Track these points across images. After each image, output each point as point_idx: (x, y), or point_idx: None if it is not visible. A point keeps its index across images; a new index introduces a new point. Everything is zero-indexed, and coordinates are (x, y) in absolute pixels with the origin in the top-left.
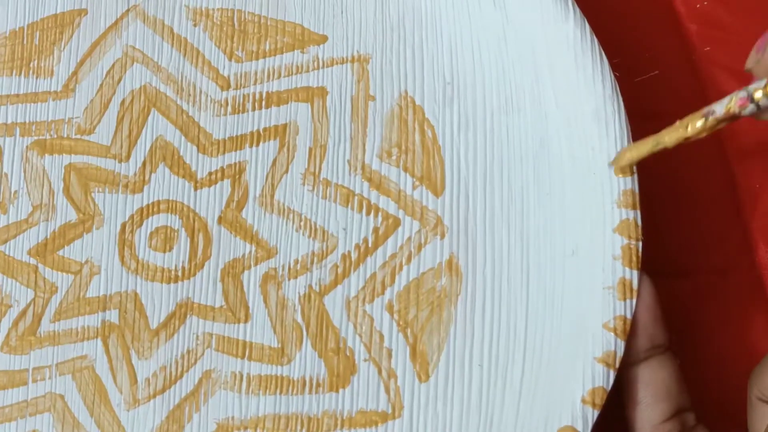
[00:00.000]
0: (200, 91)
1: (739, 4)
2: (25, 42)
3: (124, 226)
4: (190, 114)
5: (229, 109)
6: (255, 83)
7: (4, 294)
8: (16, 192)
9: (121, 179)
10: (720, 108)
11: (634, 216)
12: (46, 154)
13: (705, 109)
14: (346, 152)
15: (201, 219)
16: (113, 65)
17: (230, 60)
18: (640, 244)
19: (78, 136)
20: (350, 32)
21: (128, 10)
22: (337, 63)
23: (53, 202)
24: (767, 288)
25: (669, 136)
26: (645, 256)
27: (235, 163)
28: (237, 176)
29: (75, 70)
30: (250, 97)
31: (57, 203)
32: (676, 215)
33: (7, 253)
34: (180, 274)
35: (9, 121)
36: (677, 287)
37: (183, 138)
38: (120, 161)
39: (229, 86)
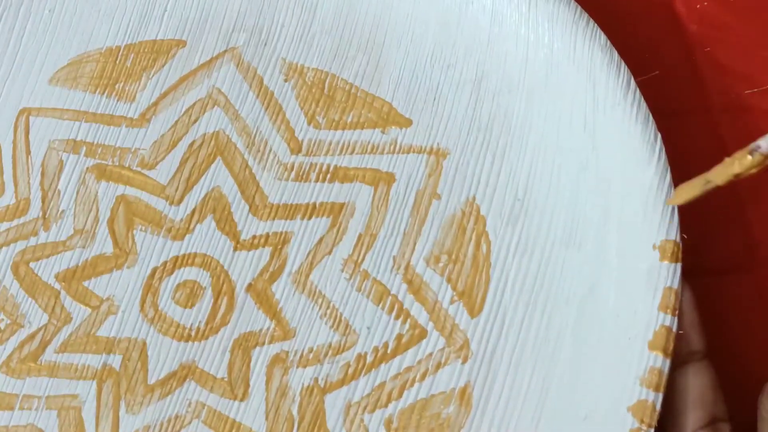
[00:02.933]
0: (270, 150)
1: (739, 5)
2: (117, 61)
3: (154, 270)
4: (254, 171)
5: (293, 174)
6: (326, 154)
7: (19, 313)
8: (63, 212)
9: (167, 222)
10: (765, 143)
11: (653, 399)
12: (103, 180)
13: (751, 145)
14: (394, 247)
15: (231, 282)
16: (194, 104)
17: (309, 124)
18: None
19: (138, 169)
20: (436, 122)
21: (226, 51)
22: (414, 151)
23: (95, 230)
24: None
25: (718, 175)
26: None
27: (281, 233)
28: (279, 246)
29: (156, 101)
30: (317, 167)
31: (98, 232)
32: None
33: (36, 271)
34: (193, 333)
35: (78, 138)
36: None
37: (239, 194)
38: (171, 203)
39: (299, 151)
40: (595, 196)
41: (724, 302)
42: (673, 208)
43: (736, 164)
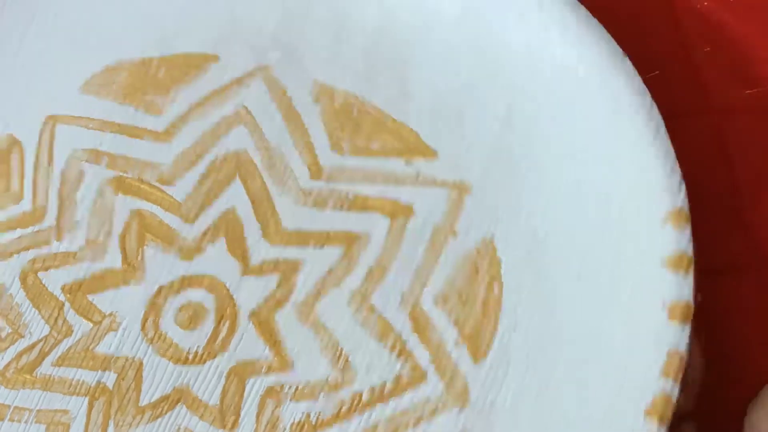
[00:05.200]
0: (291, 173)
1: (739, 5)
2: (148, 73)
3: (160, 290)
4: (271, 194)
5: (311, 200)
6: (347, 181)
7: (21, 322)
8: (77, 222)
9: (178, 240)
10: None
11: None
12: (120, 193)
13: None
14: (404, 284)
15: (235, 307)
16: (220, 122)
17: (332, 149)
18: None
19: (157, 184)
20: (462, 154)
21: (257, 69)
22: (436, 185)
23: (106, 243)
24: None
25: None
26: None
27: (291, 260)
28: (288, 274)
29: (182, 115)
30: (336, 194)
31: (109, 246)
32: None
33: (43, 281)
34: (191, 357)
35: (102, 149)
36: None
37: (253, 217)
38: (185, 221)
39: (320, 176)
40: (612, 237)
41: (724, 302)
42: (689, 265)
43: None
